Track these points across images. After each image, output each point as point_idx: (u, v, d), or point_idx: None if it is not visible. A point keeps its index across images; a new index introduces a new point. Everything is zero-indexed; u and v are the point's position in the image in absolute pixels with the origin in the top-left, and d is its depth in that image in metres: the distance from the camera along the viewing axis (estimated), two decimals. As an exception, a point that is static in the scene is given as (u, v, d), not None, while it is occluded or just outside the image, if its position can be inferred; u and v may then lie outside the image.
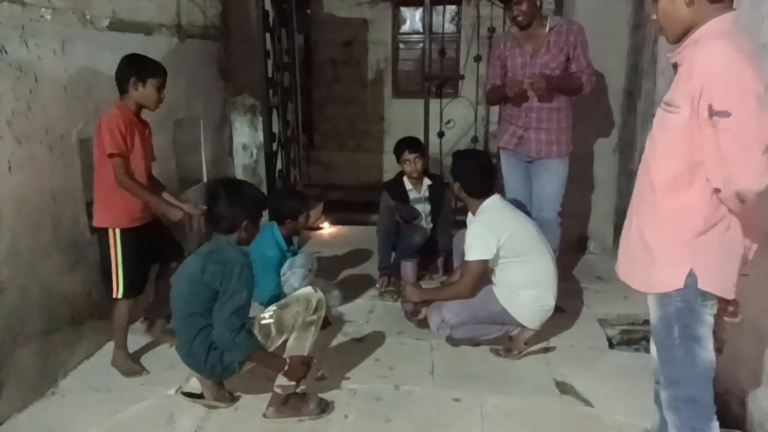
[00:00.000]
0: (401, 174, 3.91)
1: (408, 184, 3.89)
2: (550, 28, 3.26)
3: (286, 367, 2.38)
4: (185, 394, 2.55)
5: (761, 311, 2.26)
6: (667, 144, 1.71)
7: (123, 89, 2.69)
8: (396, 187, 3.88)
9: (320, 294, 2.53)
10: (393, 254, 3.89)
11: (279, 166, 4.92)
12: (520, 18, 3.24)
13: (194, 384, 2.54)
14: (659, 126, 1.76)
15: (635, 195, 1.86)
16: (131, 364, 2.83)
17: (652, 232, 1.77)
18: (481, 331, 2.96)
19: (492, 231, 2.79)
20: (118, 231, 2.71)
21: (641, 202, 1.82)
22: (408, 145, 3.85)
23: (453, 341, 3.07)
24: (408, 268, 3.42)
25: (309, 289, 2.60)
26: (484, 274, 2.90)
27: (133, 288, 2.78)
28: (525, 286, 2.85)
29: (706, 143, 1.61)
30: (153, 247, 2.87)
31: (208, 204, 2.45)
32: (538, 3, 3.25)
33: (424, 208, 3.94)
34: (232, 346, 2.28)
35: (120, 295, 2.76)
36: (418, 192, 3.91)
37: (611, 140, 4.40)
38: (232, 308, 2.23)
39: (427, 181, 3.90)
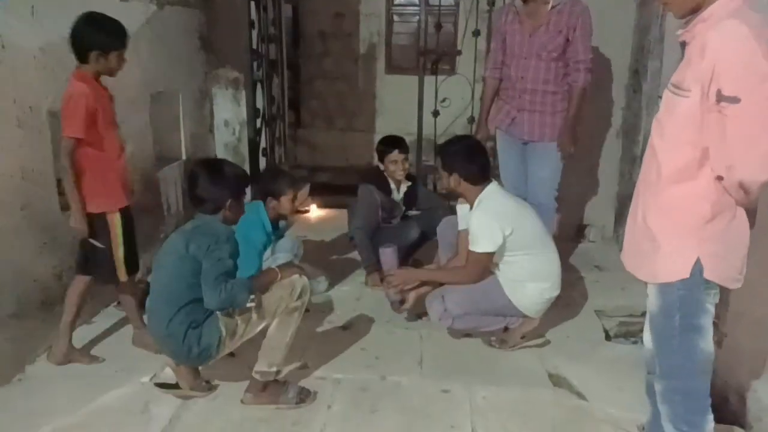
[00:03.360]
0: (377, 170, 3.81)
1: (391, 183, 3.83)
2: (553, 6, 3.27)
3: (280, 273, 2.48)
4: (159, 385, 2.57)
5: (761, 304, 2.32)
6: (676, 129, 1.73)
7: (82, 58, 2.60)
8: (380, 181, 3.81)
9: (305, 279, 2.56)
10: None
11: (263, 144, 4.92)
12: None
13: (168, 374, 2.57)
14: (667, 109, 1.77)
15: (640, 180, 1.89)
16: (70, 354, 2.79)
17: (657, 220, 1.80)
18: (483, 323, 3.01)
19: (497, 222, 2.82)
20: (117, 213, 2.72)
21: (647, 188, 1.84)
22: (398, 143, 3.76)
23: (454, 332, 3.12)
24: (389, 255, 3.26)
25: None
26: (489, 265, 2.94)
27: (132, 263, 2.82)
28: (532, 279, 2.91)
29: (711, 129, 1.63)
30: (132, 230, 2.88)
31: (188, 186, 2.48)
32: None
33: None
34: (230, 300, 2.32)
35: (125, 278, 2.80)
36: (397, 192, 3.88)
37: (614, 123, 4.44)
38: (217, 272, 2.29)
39: (406, 183, 3.85)
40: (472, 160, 2.90)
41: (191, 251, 2.34)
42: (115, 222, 2.71)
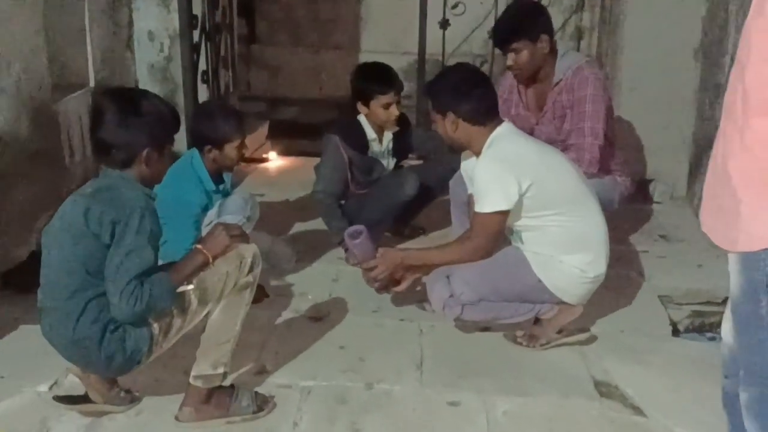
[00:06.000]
0: (356, 113, 3.80)
1: (370, 131, 3.81)
2: (557, 83, 3.46)
3: (209, 254, 2.41)
4: (60, 399, 2.57)
5: None
6: (766, 37, 1.72)
7: None
8: (353, 133, 3.79)
9: (254, 247, 2.56)
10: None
11: (203, 66, 4.87)
12: (516, 72, 3.47)
13: (73, 383, 2.56)
14: (757, 11, 1.76)
15: (724, 112, 1.88)
16: None
17: (739, 166, 1.80)
18: (503, 313, 3.03)
19: (510, 169, 2.82)
20: None
21: (729, 122, 1.84)
22: (390, 79, 3.72)
23: (463, 325, 3.14)
24: (360, 246, 3.15)
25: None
26: (502, 232, 2.94)
27: None
28: (567, 249, 2.91)
29: None
30: None
31: (90, 127, 2.44)
32: (546, 47, 3.41)
33: (387, 165, 3.94)
34: (148, 312, 2.31)
35: None
36: (380, 143, 3.86)
37: (690, 38, 4.42)
38: (130, 274, 2.25)
39: (393, 128, 3.84)
40: (469, 91, 2.91)
41: (92, 226, 2.29)
42: None
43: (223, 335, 2.50)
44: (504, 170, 2.82)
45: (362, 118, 3.78)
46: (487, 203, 2.83)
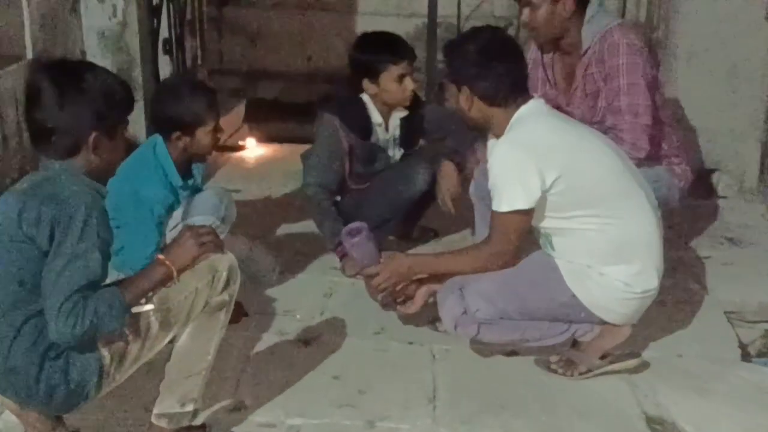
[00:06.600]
0: (357, 92, 3.81)
1: (376, 115, 3.82)
2: (584, 52, 3.45)
3: (173, 267, 2.39)
4: None
5: None
6: None
7: None
8: (356, 114, 3.80)
9: (231, 257, 2.55)
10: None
11: (165, 33, 4.88)
12: (531, 33, 3.50)
13: (9, 422, 2.57)
14: None
15: None
16: None
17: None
18: (530, 333, 3.02)
19: (530, 158, 2.80)
20: None
21: None
22: (403, 45, 3.76)
23: (484, 348, 3.15)
24: (360, 246, 3.23)
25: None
26: (526, 233, 2.94)
27: None
28: (608, 258, 2.89)
29: None
30: None
31: (25, 109, 2.42)
32: (567, 11, 3.39)
33: (393, 154, 3.96)
34: (92, 332, 2.28)
35: None
36: (386, 130, 3.87)
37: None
38: (71, 288, 2.24)
39: (402, 111, 3.86)
40: (489, 66, 2.90)
41: (27, 228, 2.28)
42: None
43: (193, 365, 2.50)
44: (523, 159, 2.81)
45: (366, 98, 3.79)
46: (504, 200, 2.83)
